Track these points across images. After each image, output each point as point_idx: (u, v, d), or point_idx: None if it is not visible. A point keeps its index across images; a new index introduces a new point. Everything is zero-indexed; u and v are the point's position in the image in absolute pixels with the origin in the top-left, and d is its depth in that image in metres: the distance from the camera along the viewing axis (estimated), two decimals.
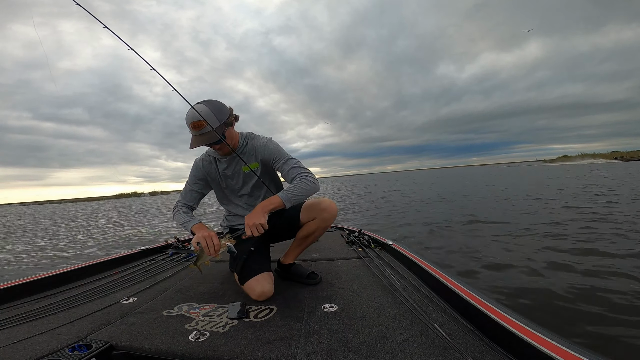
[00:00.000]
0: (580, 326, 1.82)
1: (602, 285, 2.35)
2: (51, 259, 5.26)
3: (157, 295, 1.51)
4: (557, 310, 2.03)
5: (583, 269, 2.71)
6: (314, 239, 1.64)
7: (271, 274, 1.49)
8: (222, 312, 1.25)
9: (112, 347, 1.01)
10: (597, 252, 3.18)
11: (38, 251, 6.21)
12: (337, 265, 1.82)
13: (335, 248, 2.24)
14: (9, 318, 1.25)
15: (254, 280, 1.38)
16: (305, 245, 1.67)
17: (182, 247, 2.43)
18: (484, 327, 0.98)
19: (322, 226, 1.58)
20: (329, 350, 0.93)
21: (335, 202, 1.59)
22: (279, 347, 0.96)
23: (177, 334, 1.07)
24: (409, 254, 1.75)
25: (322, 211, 1.55)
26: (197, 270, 1.43)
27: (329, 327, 1.08)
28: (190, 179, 1.63)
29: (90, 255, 5.30)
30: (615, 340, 1.66)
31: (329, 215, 1.55)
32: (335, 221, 3.69)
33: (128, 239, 7.05)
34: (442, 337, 0.96)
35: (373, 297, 1.33)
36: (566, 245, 3.51)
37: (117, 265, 2.05)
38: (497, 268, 2.91)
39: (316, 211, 1.56)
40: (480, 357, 0.85)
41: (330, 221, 1.57)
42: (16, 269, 4.71)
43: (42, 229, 11.16)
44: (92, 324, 1.19)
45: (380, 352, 0.90)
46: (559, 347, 0.74)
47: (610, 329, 1.78)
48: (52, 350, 0.98)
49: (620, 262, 2.83)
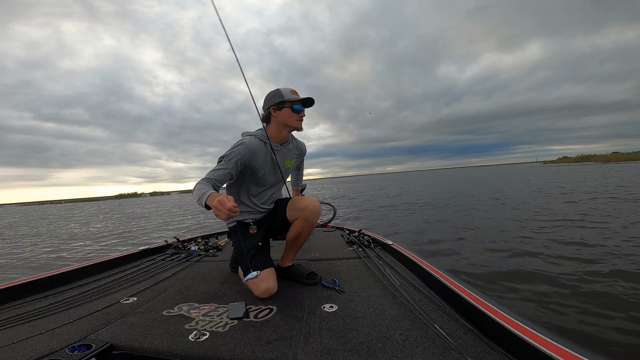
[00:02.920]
0: (580, 325, 1.83)
1: (603, 284, 2.36)
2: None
3: (157, 295, 1.51)
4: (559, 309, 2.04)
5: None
6: (303, 239, 1.63)
7: (274, 270, 1.50)
8: (222, 312, 1.25)
9: (112, 347, 1.01)
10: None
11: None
12: (337, 265, 1.82)
13: (335, 248, 2.24)
14: (9, 318, 1.25)
15: (258, 278, 1.37)
16: (297, 246, 1.66)
17: (182, 247, 2.43)
18: (484, 327, 0.98)
19: (306, 225, 1.56)
20: (329, 350, 0.93)
21: (318, 200, 1.61)
22: (279, 347, 0.96)
23: (177, 334, 1.07)
24: (409, 254, 1.75)
25: (303, 210, 1.54)
26: (197, 269, 1.43)
27: (329, 327, 1.08)
28: (230, 156, 1.44)
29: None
30: (615, 340, 1.67)
31: (310, 213, 1.53)
32: (334, 221, 3.70)
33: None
34: (442, 337, 0.96)
35: (373, 297, 1.33)
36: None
37: (117, 265, 2.05)
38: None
39: (297, 210, 1.57)
40: (480, 357, 0.85)
41: (313, 219, 1.55)
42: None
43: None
44: (92, 324, 1.19)
45: (380, 352, 0.90)
46: (559, 347, 0.74)
47: (610, 328, 1.78)
48: (52, 350, 0.98)
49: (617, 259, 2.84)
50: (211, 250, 2.35)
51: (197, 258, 2.19)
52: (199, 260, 2.14)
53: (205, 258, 2.20)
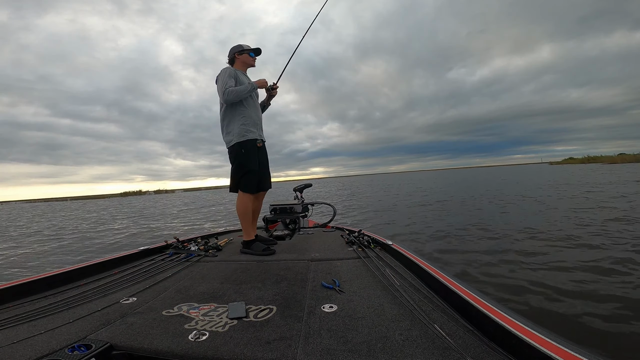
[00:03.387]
0: (582, 326, 1.82)
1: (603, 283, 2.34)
2: None
3: (156, 295, 1.51)
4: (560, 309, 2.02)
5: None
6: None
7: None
8: (222, 312, 1.25)
9: (112, 347, 1.01)
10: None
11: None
12: (337, 266, 1.82)
13: (335, 248, 2.24)
14: (9, 318, 1.25)
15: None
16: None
17: (182, 247, 2.43)
18: (484, 327, 0.98)
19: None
20: (328, 350, 0.93)
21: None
22: (278, 347, 0.96)
23: (176, 334, 1.07)
24: (408, 254, 1.75)
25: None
26: (197, 269, 1.43)
27: (329, 327, 1.08)
28: (228, 79, 2.22)
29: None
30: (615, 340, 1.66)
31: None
32: (334, 221, 3.68)
33: None
34: (442, 337, 0.96)
35: (373, 297, 1.33)
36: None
37: (117, 265, 2.05)
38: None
39: None
40: (480, 357, 0.85)
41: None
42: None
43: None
44: (91, 324, 1.18)
45: (380, 352, 0.90)
46: (558, 347, 0.74)
47: (612, 328, 1.77)
48: (52, 350, 0.98)
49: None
50: (211, 251, 2.35)
51: (197, 258, 2.19)
52: (198, 261, 2.14)
53: (205, 258, 2.20)
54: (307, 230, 3.09)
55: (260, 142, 2.36)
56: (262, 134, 2.43)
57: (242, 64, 2.42)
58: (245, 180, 2.29)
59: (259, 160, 2.36)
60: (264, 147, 2.45)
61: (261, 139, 2.39)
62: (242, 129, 2.26)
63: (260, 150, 2.39)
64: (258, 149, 2.35)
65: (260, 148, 2.38)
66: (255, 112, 2.37)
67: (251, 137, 2.29)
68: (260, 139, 2.38)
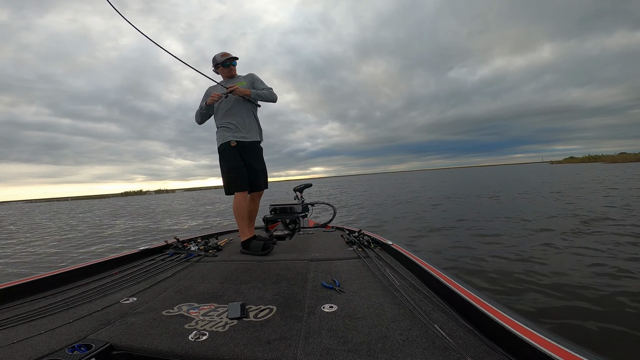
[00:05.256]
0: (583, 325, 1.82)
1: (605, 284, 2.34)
2: None
3: (156, 295, 1.51)
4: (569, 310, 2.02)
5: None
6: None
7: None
8: (222, 312, 1.25)
9: (112, 347, 1.01)
10: None
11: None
12: (337, 266, 1.82)
13: (335, 248, 2.24)
14: (9, 318, 1.25)
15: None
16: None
17: (182, 248, 2.43)
18: (484, 327, 0.98)
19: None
20: (328, 350, 0.93)
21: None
22: (278, 347, 0.95)
23: (176, 334, 1.07)
24: (408, 254, 1.74)
25: None
26: (197, 269, 1.43)
27: (329, 327, 1.08)
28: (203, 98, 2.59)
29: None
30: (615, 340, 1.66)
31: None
32: (334, 221, 3.67)
33: None
34: (442, 337, 0.96)
35: (373, 297, 1.33)
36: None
37: (117, 265, 2.05)
38: None
39: None
40: (480, 357, 0.85)
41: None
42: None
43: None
44: (91, 324, 1.19)
45: (380, 352, 0.90)
46: (558, 347, 0.74)
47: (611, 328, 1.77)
48: (52, 350, 0.98)
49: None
50: (211, 251, 2.35)
51: (197, 258, 2.19)
52: (198, 261, 2.15)
53: (205, 258, 2.20)
54: (307, 230, 3.10)
55: (233, 142, 2.34)
56: (243, 134, 2.39)
57: (223, 74, 2.62)
58: (226, 180, 2.36)
59: (243, 160, 2.38)
60: (251, 147, 2.43)
61: (234, 139, 2.35)
62: (217, 136, 2.47)
63: (245, 150, 2.39)
64: (236, 148, 2.35)
65: (244, 148, 2.38)
66: (225, 117, 2.42)
67: (223, 141, 2.37)
68: (234, 139, 2.35)
